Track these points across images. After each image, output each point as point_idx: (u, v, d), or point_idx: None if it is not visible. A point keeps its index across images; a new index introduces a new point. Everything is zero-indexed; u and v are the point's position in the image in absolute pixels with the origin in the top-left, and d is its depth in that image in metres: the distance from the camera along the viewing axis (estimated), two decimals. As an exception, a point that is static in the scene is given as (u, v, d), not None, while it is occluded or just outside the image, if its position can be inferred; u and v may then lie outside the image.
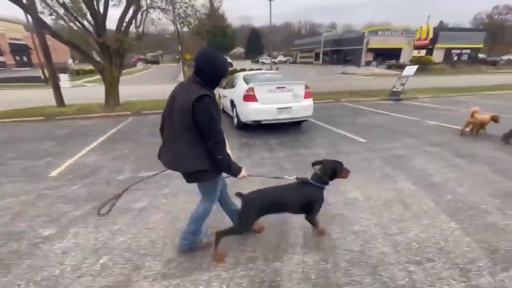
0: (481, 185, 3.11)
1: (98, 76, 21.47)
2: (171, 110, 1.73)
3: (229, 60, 41.98)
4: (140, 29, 9.89)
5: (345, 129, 5.99)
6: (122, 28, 8.89)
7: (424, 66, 31.84)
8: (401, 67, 32.67)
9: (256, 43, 77.47)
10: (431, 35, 33.48)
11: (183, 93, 1.68)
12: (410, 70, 11.32)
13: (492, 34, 61.58)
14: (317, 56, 49.08)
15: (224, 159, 1.72)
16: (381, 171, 3.61)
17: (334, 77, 23.86)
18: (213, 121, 1.64)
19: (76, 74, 27.34)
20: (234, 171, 1.78)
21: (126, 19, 9.01)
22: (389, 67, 33.53)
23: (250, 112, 5.38)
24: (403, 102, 10.38)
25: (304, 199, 2.02)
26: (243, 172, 1.81)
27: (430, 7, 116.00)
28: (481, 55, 47.49)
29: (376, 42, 37.94)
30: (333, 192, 2.93)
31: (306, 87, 5.67)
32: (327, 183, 2.05)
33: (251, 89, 5.34)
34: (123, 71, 10.93)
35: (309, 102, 5.67)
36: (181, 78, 23.21)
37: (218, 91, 7.66)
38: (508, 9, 59.99)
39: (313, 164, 2.10)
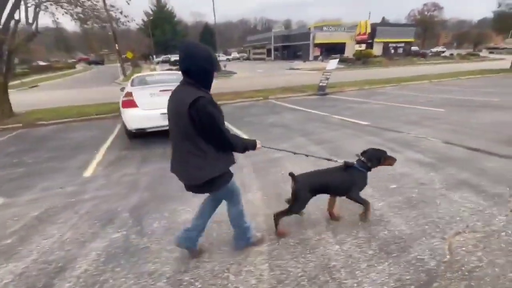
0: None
1: (17, 81, 18.74)
2: (169, 117, 1.66)
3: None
4: (33, 27, 8.55)
5: (245, 130, 5.71)
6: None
7: (365, 59, 34.00)
8: (345, 60, 34.62)
9: (209, 40, 75.64)
10: (369, 30, 35.68)
11: (177, 99, 1.57)
12: (333, 64, 11.61)
13: (424, 29, 68.41)
14: (269, 52, 49.51)
15: (238, 149, 1.71)
16: (240, 181, 3.31)
17: (280, 73, 24.05)
18: (217, 121, 1.54)
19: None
20: (253, 147, 1.81)
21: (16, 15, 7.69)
22: (334, 61, 35.06)
23: (130, 119, 4.78)
24: (328, 97, 10.59)
25: (349, 181, 2.24)
26: (258, 145, 1.85)
27: (375, 4, 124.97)
28: (414, 48, 52.45)
29: (321, 37, 39.39)
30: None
31: (198, 88, 5.24)
32: (369, 169, 2.27)
33: (129, 93, 4.75)
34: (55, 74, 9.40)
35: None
36: (120, 79, 21.24)
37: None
38: (435, 6, 66.86)
39: (360, 154, 2.31)
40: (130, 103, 4.73)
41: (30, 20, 8.41)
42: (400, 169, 3.38)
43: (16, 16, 8.10)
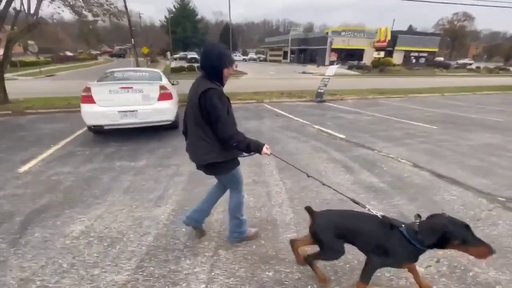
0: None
1: (37, 69, 19.53)
2: (187, 105, 1.88)
3: (195, 56, 40.82)
4: (34, 18, 8.79)
5: None
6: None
7: (383, 67, 32.80)
8: (361, 67, 33.57)
9: (228, 39, 76.22)
10: (388, 37, 34.51)
11: (193, 89, 1.79)
12: (331, 70, 11.15)
13: (452, 40, 65.23)
14: (285, 55, 49.05)
15: (239, 144, 1.75)
16: (153, 194, 3.06)
17: (291, 76, 23.63)
18: (218, 111, 1.68)
19: (12, 65, 24.95)
20: (256, 148, 1.80)
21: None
22: (349, 68, 34.08)
23: (86, 115, 4.69)
24: (324, 104, 10.16)
25: (385, 244, 1.52)
26: (265, 150, 1.81)
27: (403, 12, 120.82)
28: (439, 59, 50.08)
29: (339, 43, 38.45)
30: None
31: (162, 88, 5.06)
32: (425, 246, 1.42)
33: (88, 89, 4.64)
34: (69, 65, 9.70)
35: (165, 105, 5.06)
36: None
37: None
38: (466, 16, 63.55)
39: (417, 216, 1.54)
40: (87, 99, 4.63)
41: (32, 11, 8.65)
42: (340, 195, 3.01)
43: (18, 7, 8.37)
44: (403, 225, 1.50)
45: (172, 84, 7.60)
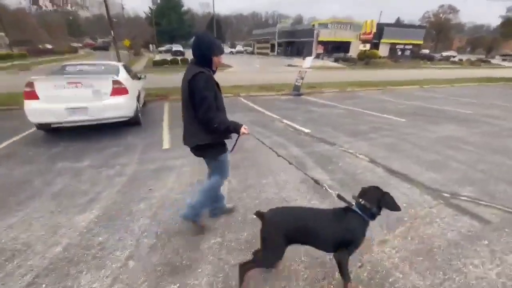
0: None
1: (9, 63, 18.40)
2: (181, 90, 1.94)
3: (180, 49, 39.80)
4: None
5: (174, 132, 5.25)
6: None
7: (368, 60, 32.87)
8: (347, 60, 33.58)
9: (217, 31, 74.75)
10: (374, 29, 34.55)
11: (185, 75, 1.87)
12: (307, 62, 11.02)
13: (437, 32, 66.08)
14: (273, 47, 48.51)
15: (219, 126, 1.82)
16: (83, 198, 2.85)
17: (275, 70, 23.32)
18: (202, 93, 1.78)
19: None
20: (235, 129, 1.87)
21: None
22: (336, 60, 34.04)
23: (29, 112, 4.35)
24: (301, 97, 10.01)
25: (345, 234, 1.52)
26: (243, 130, 1.87)
27: (391, 4, 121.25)
28: (425, 51, 50.68)
29: (326, 35, 38.22)
30: None
31: (116, 82, 4.76)
32: (373, 218, 1.56)
33: (30, 83, 4.31)
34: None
35: (120, 100, 4.77)
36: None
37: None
38: (451, 9, 64.33)
39: (358, 196, 1.64)
40: (30, 94, 4.29)
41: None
42: (287, 193, 2.87)
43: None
44: (353, 204, 1.57)
45: (139, 78, 7.32)
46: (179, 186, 3.00)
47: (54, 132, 5.00)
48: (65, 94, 4.41)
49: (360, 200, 1.56)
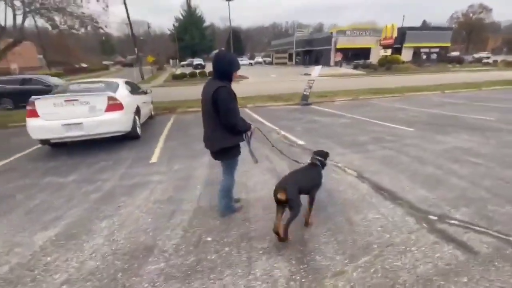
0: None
1: None
2: (202, 101, 2.26)
3: (201, 62, 41.36)
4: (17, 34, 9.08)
5: (170, 144, 5.30)
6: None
7: (390, 65, 31.65)
8: (367, 66, 32.57)
9: (236, 44, 76.71)
10: (395, 34, 33.33)
11: (207, 89, 2.19)
12: (316, 72, 10.75)
13: (468, 33, 62.23)
14: (291, 57, 48.59)
15: (241, 128, 2.26)
16: (52, 214, 2.88)
17: (290, 79, 23.25)
18: (228, 104, 2.10)
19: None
20: (247, 129, 2.34)
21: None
22: (355, 67, 33.16)
23: (31, 129, 4.65)
24: (309, 107, 9.78)
25: (316, 179, 2.42)
26: (252, 127, 2.39)
27: (415, 7, 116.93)
28: (455, 53, 47.75)
29: (344, 42, 37.54)
30: None
31: (111, 99, 4.95)
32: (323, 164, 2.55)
33: (32, 103, 4.61)
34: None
35: (114, 115, 4.94)
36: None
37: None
38: (483, 8, 60.50)
39: (315, 154, 2.58)
40: (32, 113, 4.60)
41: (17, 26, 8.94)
42: (252, 211, 2.70)
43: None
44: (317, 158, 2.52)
45: (145, 93, 7.60)
46: (147, 203, 2.95)
47: (59, 147, 5.28)
48: (62, 111, 4.66)
49: (317, 157, 2.51)
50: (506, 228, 2.28)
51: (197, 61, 43.53)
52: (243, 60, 49.09)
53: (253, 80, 23.07)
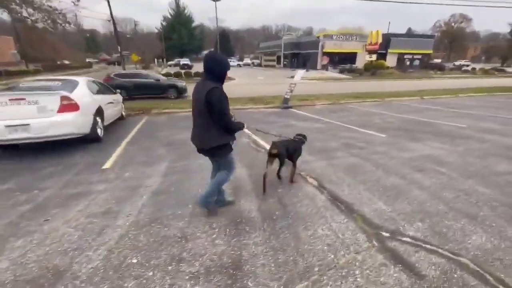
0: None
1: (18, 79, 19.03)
2: (193, 101, 2.36)
3: (187, 62, 40.81)
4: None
5: (131, 149, 4.97)
6: None
7: (375, 70, 32.24)
8: (353, 71, 33.05)
9: (225, 45, 76.35)
10: (380, 40, 33.89)
11: (200, 89, 2.25)
12: (298, 76, 10.66)
13: (450, 41, 64.53)
14: (279, 59, 48.72)
15: (235, 130, 2.40)
16: None
17: (276, 81, 23.17)
18: (222, 105, 2.19)
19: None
20: (241, 128, 2.46)
21: None
22: (341, 71, 33.57)
23: (-33, 130, 4.21)
24: (288, 110, 9.63)
25: (299, 149, 3.44)
26: (245, 127, 2.54)
27: (403, 14, 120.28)
28: (437, 60, 49.33)
29: (331, 46, 38.00)
30: None
31: (65, 98, 4.58)
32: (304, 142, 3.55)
33: (-29, 101, 4.18)
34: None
35: (69, 116, 4.56)
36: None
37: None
38: (463, 17, 62.90)
39: (298, 135, 3.60)
40: (-29, 112, 4.17)
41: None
42: (192, 226, 2.45)
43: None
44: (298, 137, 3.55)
45: (114, 93, 7.22)
46: (79, 217, 2.64)
47: (9, 149, 4.83)
48: (6, 111, 4.25)
49: (298, 136, 3.55)
50: (458, 246, 2.13)
51: (184, 61, 42.91)
52: (232, 61, 48.84)
53: (239, 82, 22.86)
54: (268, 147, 5.13)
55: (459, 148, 4.71)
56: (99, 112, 5.62)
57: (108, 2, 23.18)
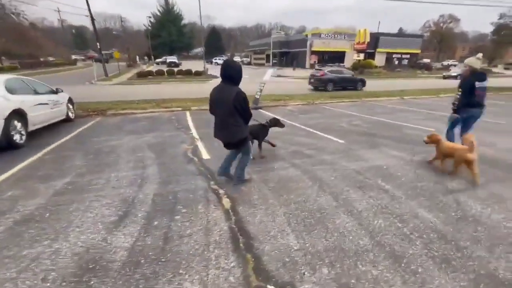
0: None
1: None
2: (216, 103, 2.78)
3: (174, 60, 39.86)
4: None
5: (46, 160, 4.28)
6: None
7: (362, 69, 31.98)
8: (340, 70, 32.67)
9: (215, 43, 75.27)
10: (368, 39, 33.62)
11: (225, 92, 2.68)
12: (267, 75, 10.08)
13: (438, 41, 64.99)
14: (268, 58, 48.10)
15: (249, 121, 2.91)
16: None
17: (261, 81, 22.56)
18: (246, 105, 2.73)
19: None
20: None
21: None
22: (328, 70, 33.16)
23: None
24: (258, 111, 9.00)
25: (263, 132, 4.14)
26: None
27: (395, 14, 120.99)
28: (426, 60, 49.49)
29: (319, 45, 37.57)
30: None
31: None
32: (270, 126, 4.21)
33: None
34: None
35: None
36: (95, 79, 19.92)
37: None
38: (452, 18, 63.35)
39: (267, 121, 4.21)
40: None
41: None
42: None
43: None
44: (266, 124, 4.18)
45: (55, 93, 6.50)
46: None
47: None
48: None
49: (267, 121, 4.20)
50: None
51: (170, 59, 41.90)
52: (220, 60, 47.97)
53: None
54: (204, 157, 4.56)
55: (416, 158, 4.18)
56: (19, 115, 4.90)
57: (86, -3, 22.22)
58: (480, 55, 3.91)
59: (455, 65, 43.65)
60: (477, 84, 3.67)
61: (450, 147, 3.54)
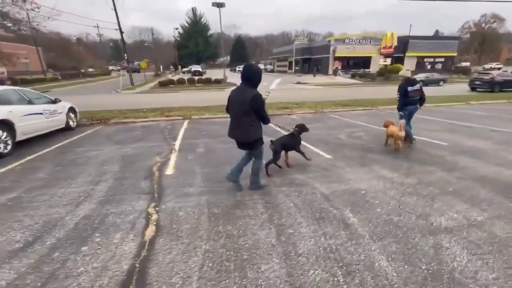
0: None
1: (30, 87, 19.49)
2: (233, 102, 2.88)
3: (199, 69, 41.15)
4: None
5: (28, 168, 4.27)
6: None
7: (389, 75, 30.21)
8: (363, 76, 31.11)
9: (240, 51, 76.58)
10: (395, 43, 31.73)
11: (242, 93, 2.81)
12: (274, 83, 9.65)
13: (480, 43, 59.62)
14: (291, 65, 47.62)
15: (268, 121, 2.96)
16: None
17: (283, 87, 22.17)
18: (263, 106, 2.83)
19: (14, 83, 26.20)
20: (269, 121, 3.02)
21: None
22: (352, 76, 31.76)
23: None
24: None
25: (296, 142, 4.03)
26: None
27: (428, 17, 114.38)
28: (465, 64, 45.51)
29: (343, 50, 36.28)
30: None
31: None
32: (300, 133, 4.04)
33: None
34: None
35: None
36: (120, 89, 20.94)
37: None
38: (495, 17, 57.95)
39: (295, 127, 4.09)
40: None
41: None
42: None
43: None
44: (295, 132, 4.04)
45: (53, 102, 6.73)
46: None
47: None
48: None
49: (296, 128, 4.03)
50: None
51: (195, 67, 43.30)
52: (237, 68, 48.47)
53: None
54: (167, 172, 4.21)
55: (410, 180, 3.45)
56: (4, 124, 5.03)
57: (115, 10, 23.82)
58: (408, 68, 4.12)
59: (499, 69, 39.47)
60: (409, 88, 4.84)
61: (391, 129, 4.75)
